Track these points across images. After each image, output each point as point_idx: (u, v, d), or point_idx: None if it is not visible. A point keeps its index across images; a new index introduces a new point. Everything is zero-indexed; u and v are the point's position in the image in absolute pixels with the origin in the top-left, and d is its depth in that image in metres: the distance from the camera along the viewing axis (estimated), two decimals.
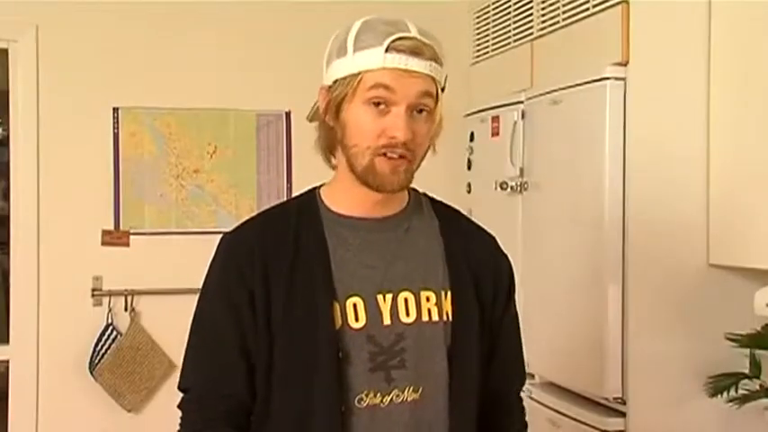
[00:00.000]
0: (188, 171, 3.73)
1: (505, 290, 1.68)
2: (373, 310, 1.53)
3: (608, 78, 2.74)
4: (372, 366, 1.51)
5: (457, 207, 1.72)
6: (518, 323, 1.73)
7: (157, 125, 3.70)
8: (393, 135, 1.47)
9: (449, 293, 1.57)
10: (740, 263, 2.65)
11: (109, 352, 3.52)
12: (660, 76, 2.74)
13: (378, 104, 1.47)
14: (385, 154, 1.48)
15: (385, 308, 1.54)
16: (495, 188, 3.24)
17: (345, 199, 1.58)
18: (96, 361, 3.51)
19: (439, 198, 1.70)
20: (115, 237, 3.62)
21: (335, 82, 1.52)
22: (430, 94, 1.50)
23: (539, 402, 3.12)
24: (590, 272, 2.87)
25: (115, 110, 3.66)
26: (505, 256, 1.70)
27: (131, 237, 3.63)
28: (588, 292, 2.88)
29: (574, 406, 2.99)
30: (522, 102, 3.25)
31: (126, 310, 3.58)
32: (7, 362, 3.55)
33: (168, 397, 3.59)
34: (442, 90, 1.53)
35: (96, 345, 3.52)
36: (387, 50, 1.46)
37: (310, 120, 1.68)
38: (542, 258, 3.04)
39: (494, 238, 1.70)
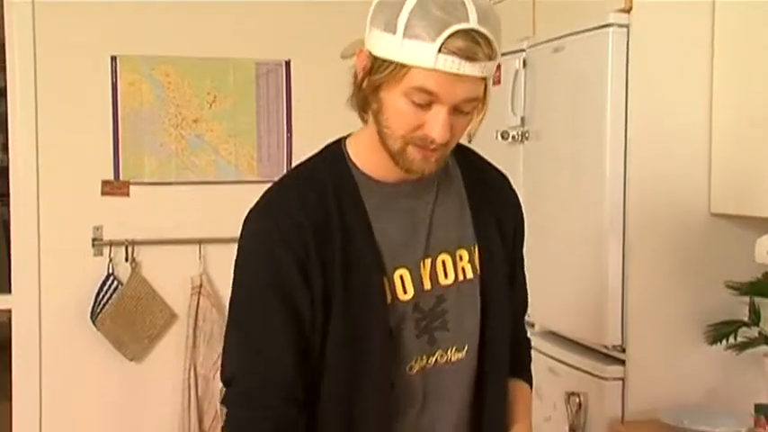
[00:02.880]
0: (187, 121, 3.71)
1: (521, 226, 1.69)
2: (417, 279, 1.51)
3: (611, 25, 2.71)
4: (418, 333, 1.51)
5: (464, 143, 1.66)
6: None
7: (156, 74, 3.67)
8: (431, 135, 1.40)
9: (476, 248, 1.57)
10: (742, 211, 2.64)
11: (110, 302, 3.53)
12: (663, 23, 2.71)
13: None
14: (418, 144, 1.43)
15: (425, 273, 1.52)
16: (496, 137, 3.22)
17: (377, 161, 1.50)
18: (98, 311, 3.53)
19: None
20: (115, 187, 3.62)
21: (378, 60, 1.40)
22: (478, 98, 1.42)
23: (539, 351, 3.14)
24: (591, 221, 2.86)
25: (113, 58, 3.63)
26: (515, 192, 1.70)
27: (131, 187, 3.62)
28: (589, 241, 2.88)
29: (573, 354, 3.00)
30: (523, 50, 3.22)
31: (127, 260, 3.59)
32: (10, 311, 3.56)
33: (170, 346, 3.62)
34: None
35: (97, 295, 3.53)
36: (440, 50, 1.34)
37: (344, 57, 1.54)
38: (543, 208, 3.04)
39: (506, 177, 1.70)
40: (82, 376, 3.58)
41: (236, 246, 1.52)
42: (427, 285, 1.52)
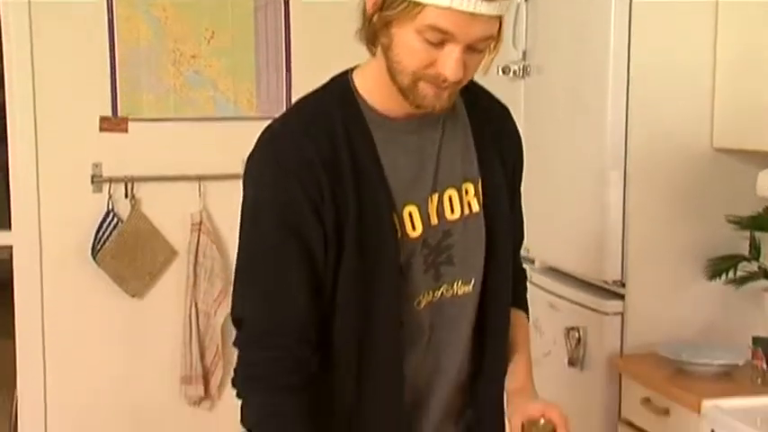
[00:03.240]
0: (185, 57, 3.67)
1: (521, 159, 1.68)
2: (425, 215, 1.50)
3: None
4: (425, 268, 1.51)
5: None
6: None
7: (153, 10, 3.62)
8: (444, 73, 1.38)
9: (480, 182, 1.56)
10: (745, 145, 2.63)
11: (110, 238, 3.54)
12: None
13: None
14: (430, 81, 1.40)
15: (432, 209, 1.51)
16: (498, 72, 3.19)
17: (385, 96, 1.47)
18: (98, 247, 3.53)
19: None
20: (113, 123, 3.59)
21: None
22: (492, 36, 1.39)
23: (538, 287, 3.15)
24: (592, 156, 2.85)
25: None
26: (516, 124, 1.69)
27: (130, 123, 3.60)
28: (590, 176, 2.87)
29: (573, 290, 3.02)
30: None
31: (126, 197, 3.58)
32: (10, 248, 3.57)
33: (170, 283, 3.64)
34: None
35: (98, 231, 3.53)
36: None
37: None
38: (544, 144, 3.02)
39: (507, 109, 1.69)
40: (84, 312, 3.60)
41: (235, 182, 1.50)
42: (434, 221, 1.51)
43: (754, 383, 2.46)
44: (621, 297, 2.82)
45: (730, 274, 2.69)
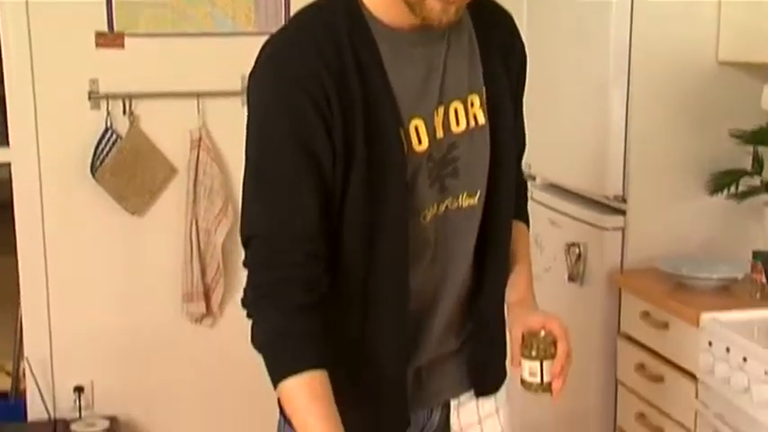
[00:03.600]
0: None
1: (524, 69, 1.65)
2: (431, 129, 1.48)
3: None
4: (430, 182, 1.49)
5: None
6: None
7: None
8: None
9: (484, 93, 1.53)
10: (751, 58, 2.60)
11: (109, 155, 3.51)
12: None
13: None
14: None
15: (438, 122, 1.49)
16: None
17: (390, 6, 1.42)
18: (97, 164, 3.51)
19: None
20: (109, 39, 3.53)
21: None
22: None
23: (539, 203, 3.16)
24: (594, 69, 2.82)
25: None
26: (519, 32, 1.65)
27: (126, 39, 3.54)
28: (592, 91, 2.85)
29: (574, 206, 3.02)
30: None
31: (124, 113, 3.55)
32: (9, 165, 3.55)
33: (171, 201, 3.63)
34: None
35: (96, 148, 3.51)
36: None
37: None
38: (546, 57, 2.99)
39: (511, 17, 1.65)
40: (84, 230, 3.60)
41: (234, 99, 1.47)
42: (440, 134, 1.49)
43: (752, 297, 2.48)
44: (622, 213, 2.82)
45: (732, 189, 2.68)
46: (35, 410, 3.60)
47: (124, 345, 3.68)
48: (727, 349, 2.25)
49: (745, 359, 2.19)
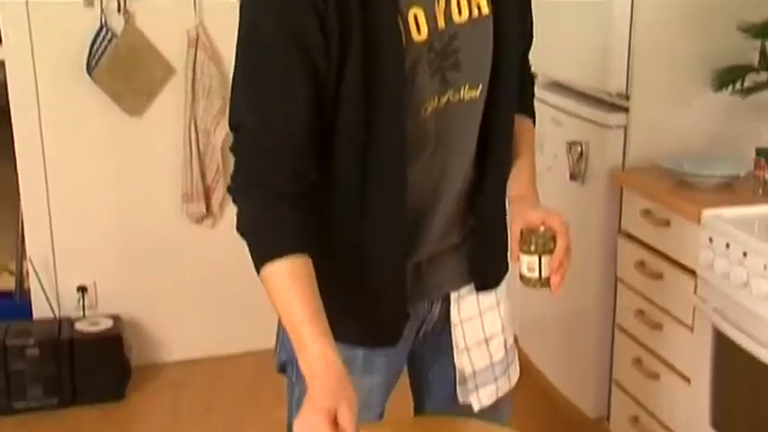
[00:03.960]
0: None
1: None
2: (431, 18, 1.44)
3: None
4: (431, 73, 1.46)
5: None
6: None
7: None
8: None
9: None
10: None
11: (105, 54, 3.46)
12: None
13: None
14: None
15: (439, 11, 1.45)
16: None
17: None
18: (93, 63, 3.46)
19: None
20: None
21: None
22: None
23: (542, 101, 3.11)
24: None
25: None
26: None
27: None
28: None
29: (577, 104, 2.98)
30: None
31: (119, 11, 3.48)
32: (3, 63, 3.49)
33: (169, 101, 3.59)
34: None
35: (92, 46, 3.45)
36: None
37: None
38: None
39: None
40: (82, 131, 3.57)
41: None
42: (441, 24, 1.45)
43: (754, 194, 2.47)
44: (625, 110, 2.79)
45: (737, 85, 2.64)
46: (40, 309, 3.64)
47: (125, 245, 3.70)
48: (727, 245, 2.25)
49: (744, 254, 2.19)
